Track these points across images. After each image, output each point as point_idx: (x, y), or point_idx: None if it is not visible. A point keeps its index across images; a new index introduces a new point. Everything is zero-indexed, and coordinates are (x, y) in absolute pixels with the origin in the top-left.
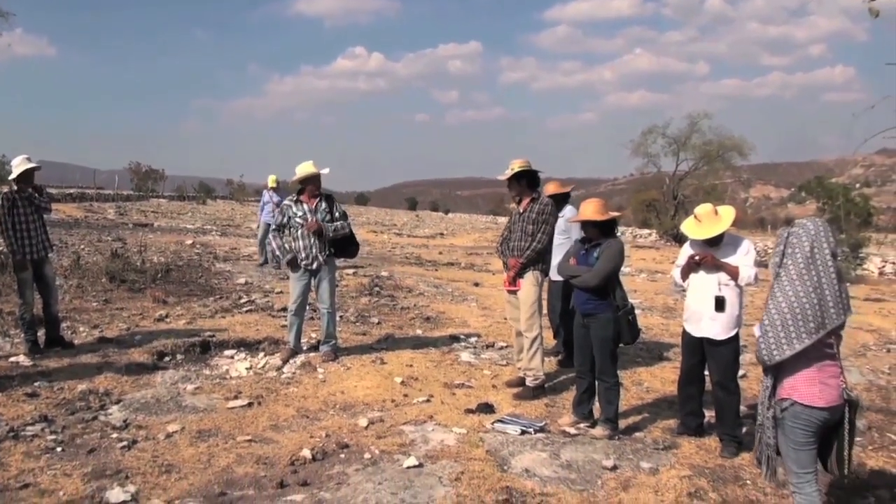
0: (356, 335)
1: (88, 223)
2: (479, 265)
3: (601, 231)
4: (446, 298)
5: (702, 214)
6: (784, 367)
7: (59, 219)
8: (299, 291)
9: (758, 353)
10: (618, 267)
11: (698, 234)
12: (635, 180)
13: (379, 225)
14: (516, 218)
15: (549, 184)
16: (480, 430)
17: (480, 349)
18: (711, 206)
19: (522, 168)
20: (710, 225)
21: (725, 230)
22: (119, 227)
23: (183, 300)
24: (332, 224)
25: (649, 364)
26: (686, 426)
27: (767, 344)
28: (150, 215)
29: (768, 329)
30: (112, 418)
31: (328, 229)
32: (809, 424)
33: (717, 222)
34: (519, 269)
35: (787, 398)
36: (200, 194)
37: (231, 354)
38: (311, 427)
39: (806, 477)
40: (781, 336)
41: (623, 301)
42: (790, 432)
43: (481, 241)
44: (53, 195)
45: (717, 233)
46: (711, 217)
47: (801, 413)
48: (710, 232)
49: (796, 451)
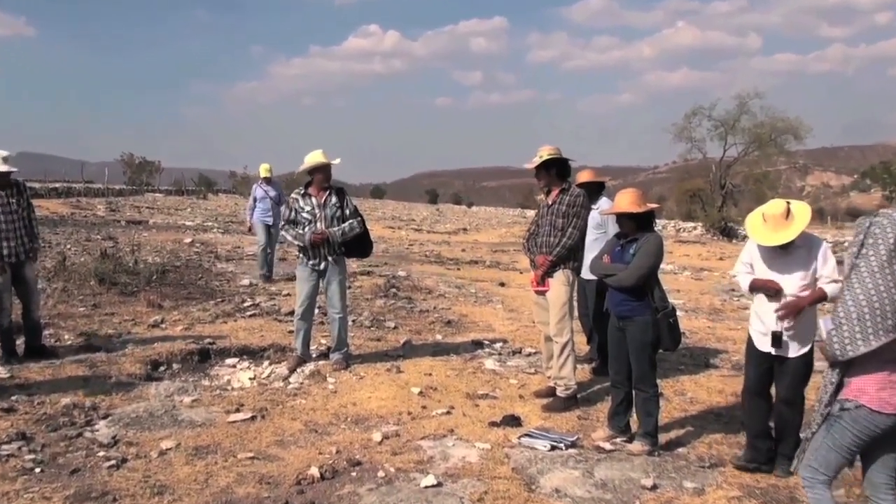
0: (370, 341)
1: (75, 221)
2: (505, 263)
3: (638, 225)
4: (469, 300)
5: (771, 216)
6: (854, 365)
7: (44, 216)
8: (307, 293)
9: (828, 348)
10: (656, 264)
11: (765, 240)
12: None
13: (396, 220)
14: (545, 211)
15: (581, 173)
16: (506, 445)
17: (506, 356)
18: (784, 206)
19: (552, 156)
20: (780, 230)
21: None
22: (110, 225)
23: (180, 304)
24: (338, 228)
25: (693, 372)
26: (755, 451)
27: (841, 338)
28: (145, 211)
29: (843, 322)
30: (99, 435)
31: (336, 235)
32: (867, 432)
33: (787, 227)
34: (548, 268)
35: (853, 399)
36: (200, 188)
37: (233, 363)
38: (319, 442)
39: (822, 478)
40: (857, 331)
41: (662, 302)
42: (840, 434)
43: (508, 237)
44: (37, 189)
45: (787, 240)
46: (781, 221)
47: (864, 418)
48: (778, 239)
49: (834, 452)
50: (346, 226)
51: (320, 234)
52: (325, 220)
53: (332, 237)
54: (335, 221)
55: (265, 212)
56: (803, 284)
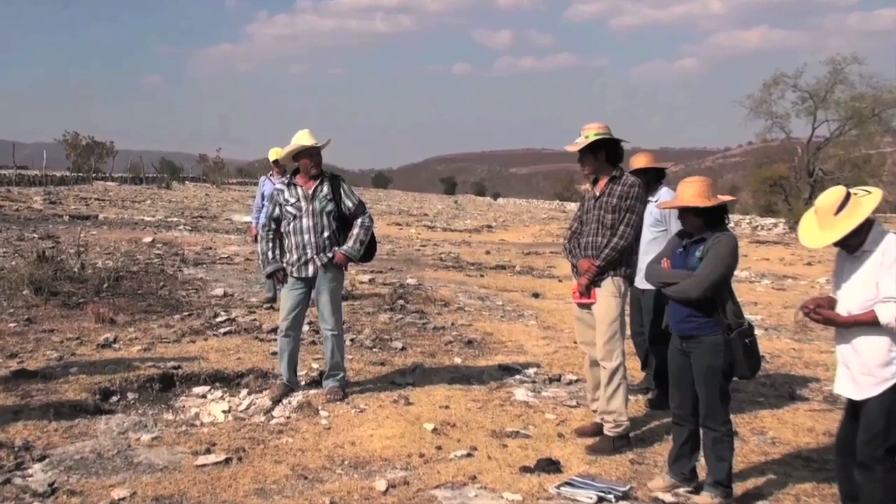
0: (372, 365)
1: (4, 215)
2: (539, 269)
3: (706, 222)
4: (495, 315)
5: (821, 208)
6: None
7: None
8: (292, 305)
9: None
10: (729, 271)
11: (808, 240)
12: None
13: (404, 215)
14: (591, 204)
15: (636, 157)
16: (541, 495)
17: (541, 384)
18: (840, 195)
19: (600, 136)
20: (825, 228)
21: (851, 230)
22: (49, 221)
23: (138, 319)
24: (352, 242)
25: (776, 406)
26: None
27: None
28: (94, 204)
29: None
30: (32, 481)
31: (354, 253)
32: None
33: (832, 224)
34: (594, 275)
35: None
36: (163, 175)
37: (202, 392)
38: (310, 492)
39: None
40: None
41: (737, 318)
42: None
43: (543, 237)
44: None
45: (828, 242)
46: (829, 216)
47: None
48: (821, 240)
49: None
50: (360, 232)
51: (342, 258)
52: (313, 216)
53: (352, 254)
54: (325, 218)
55: None
56: (868, 302)
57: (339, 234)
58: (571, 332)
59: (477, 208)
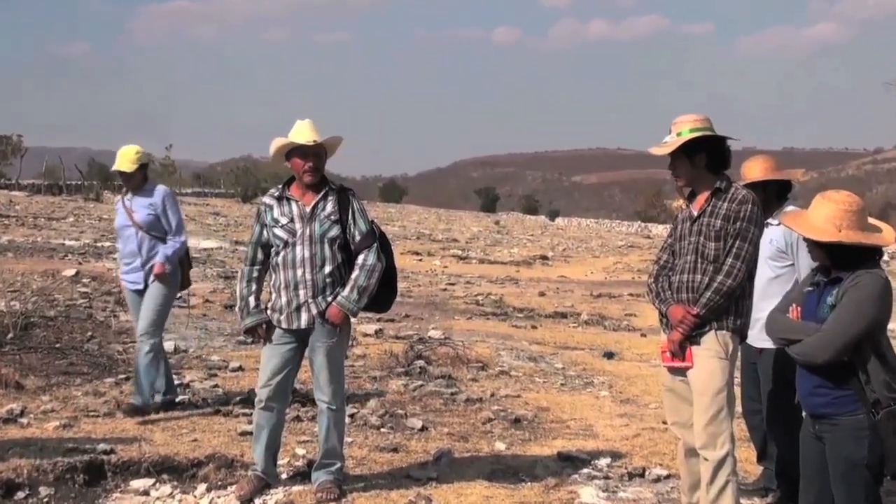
0: (381, 452)
1: None
2: (615, 318)
3: (846, 255)
4: (553, 383)
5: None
6: None
7: None
8: (277, 367)
9: None
10: (874, 324)
11: None
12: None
13: (425, 240)
14: (686, 228)
15: (750, 163)
16: None
17: (617, 481)
18: None
19: (697, 132)
20: None
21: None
22: None
23: (55, 384)
24: (349, 289)
25: None
26: None
27: None
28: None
29: None
30: None
31: (351, 304)
32: None
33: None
34: (691, 328)
35: None
36: (91, 182)
37: (143, 488)
38: None
39: None
40: None
41: (889, 392)
42: None
43: (620, 272)
44: None
45: None
46: None
47: None
48: None
49: None
50: (359, 277)
51: (338, 316)
52: (310, 244)
53: (348, 309)
54: (327, 246)
55: None
56: None
57: (346, 269)
58: (659, 408)
59: (527, 231)
